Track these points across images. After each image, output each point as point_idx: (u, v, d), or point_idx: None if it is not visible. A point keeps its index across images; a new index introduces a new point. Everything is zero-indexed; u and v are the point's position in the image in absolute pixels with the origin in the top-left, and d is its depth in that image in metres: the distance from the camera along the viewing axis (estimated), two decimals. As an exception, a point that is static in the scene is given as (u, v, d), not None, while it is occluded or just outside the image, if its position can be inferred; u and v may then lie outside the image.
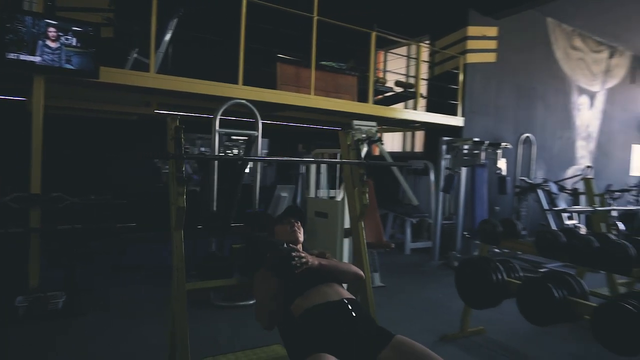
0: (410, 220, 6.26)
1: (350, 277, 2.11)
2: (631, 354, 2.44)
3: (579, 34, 8.67)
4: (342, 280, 2.10)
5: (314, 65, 5.19)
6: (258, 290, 1.94)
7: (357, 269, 2.16)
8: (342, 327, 1.71)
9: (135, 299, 4.02)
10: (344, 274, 2.07)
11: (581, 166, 8.99)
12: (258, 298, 1.94)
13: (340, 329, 1.71)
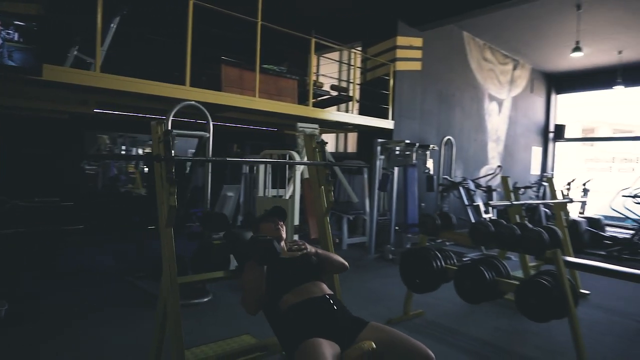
0: (346, 217, 6.64)
1: (338, 266, 2.40)
2: (545, 319, 2.97)
3: (489, 47, 9.67)
4: (331, 270, 2.37)
5: (259, 68, 5.35)
6: (247, 279, 2.12)
7: (343, 260, 2.43)
8: (325, 318, 1.97)
9: (79, 302, 3.94)
10: (333, 264, 2.34)
11: (492, 166, 10.03)
12: (247, 286, 2.12)
13: (324, 319, 1.96)
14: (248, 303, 2.10)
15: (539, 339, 3.54)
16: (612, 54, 9.49)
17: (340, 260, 2.40)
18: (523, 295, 2.96)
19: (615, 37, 8.60)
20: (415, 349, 1.89)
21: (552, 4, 7.16)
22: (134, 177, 10.85)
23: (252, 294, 2.09)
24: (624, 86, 9.63)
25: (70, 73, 4.02)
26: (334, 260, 2.38)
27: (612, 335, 3.67)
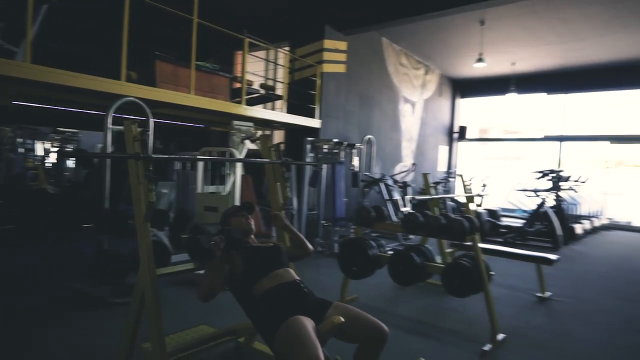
0: (277, 212, 6.86)
1: (305, 248, 2.72)
2: (466, 295, 3.50)
3: (404, 53, 10.45)
4: (300, 254, 2.65)
5: (194, 65, 5.38)
6: (205, 272, 2.29)
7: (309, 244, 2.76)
8: (298, 300, 2.22)
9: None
10: (302, 245, 2.67)
11: (406, 163, 10.87)
12: (209, 276, 2.27)
13: (297, 301, 2.21)
14: (204, 292, 2.27)
15: (457, 314, 4.11)
16: (507, 65, 10.78)
17: (308, 243, 2.74)
18: (448, 276, 3.46)
19: (511, 50, 9.80)
20: (372, 323, 2.22)
21: (459, 19, 8.00)
22: (36, 172, 10.05)
23: (211, 284, 2.26)
24: (517, 93, 10.98)
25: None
26: (303, 241, 2.73)
27: (514, 307, 4.36)
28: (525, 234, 8.04)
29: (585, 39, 8.87)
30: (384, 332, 2.21)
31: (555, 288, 5.01)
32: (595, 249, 7.96)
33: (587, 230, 9.36)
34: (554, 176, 8.49)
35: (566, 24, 8.10)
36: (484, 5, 6.96)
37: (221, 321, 3.53)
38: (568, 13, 7.63)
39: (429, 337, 3.54)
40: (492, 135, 13.85)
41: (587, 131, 11.58)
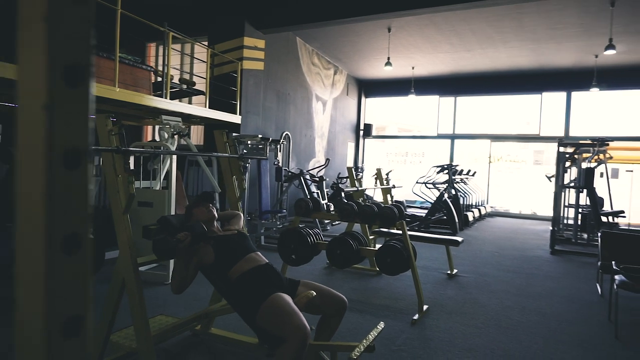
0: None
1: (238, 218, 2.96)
2: (397, 273, 3.98)
3: (316, 53, 10.92)
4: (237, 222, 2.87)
5: (118, 57, 5.21)
6: (179, 266, 2.44)
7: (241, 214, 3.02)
8: (273, 280, 2.46)
9: None
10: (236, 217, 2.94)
11: (318, 159, 11.38)
12: (179, 271, 2.42)
13: (273, 281, 2.45)
14: (176, 284, 2.43)
15: (385, 292, 4.62)
16: (408, 68, 11.80)
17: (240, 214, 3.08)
18: (382, 257, 3.91)
19: (412, 56, 10.77)
20: (335, 295, 2.55)
21: (369, 25, 8.65)
22: None
23: (176, 280, 2.42)
24: (415, 95, 12.08)
25: None
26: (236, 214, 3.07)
27: (430, 283, 5.00)
28: (428, 222, 8.99)
29: (473, 49, 10.11)
30: (345, 303, 2.55)
31: (459, 266, 5.79)
32: (484, 233, 9.17)
33: (476, 218, 10.71)
34: (450, 170, 9.59)
35: (459, 36, 9.18)
36: (391, 15, 7.66)
37: (177, 311, 3.61)
38: (460, 27, 8.67)
39: (364, 312, 3.97)
40: (390, 132, 14.94)
41: (473, 130, 13.13)
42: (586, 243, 7.94)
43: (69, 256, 0.51)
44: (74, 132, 0.51)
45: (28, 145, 0.50)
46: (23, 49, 0.49)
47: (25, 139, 0.50)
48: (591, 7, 7.39)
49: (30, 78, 0.49)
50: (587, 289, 5.04)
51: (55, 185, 0.49)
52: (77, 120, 0.51)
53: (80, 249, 0.52)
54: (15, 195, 0.51)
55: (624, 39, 8.46)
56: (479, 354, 3.16)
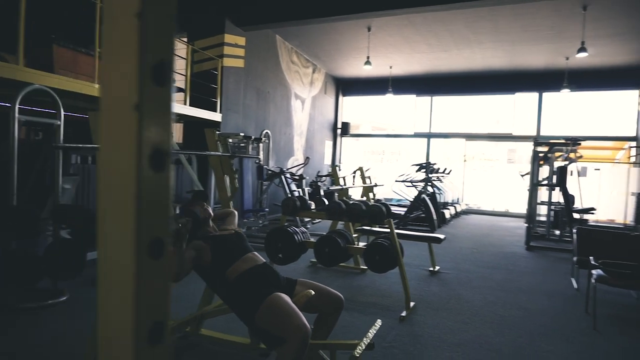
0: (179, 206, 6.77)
1: (233, 217, 2.92)
2: (385, 270, 4.02)
3: (295, 51, 10.89)
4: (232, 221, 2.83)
5: (98, 52, 5.07)
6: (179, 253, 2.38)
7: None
8: (272, 279, 2.44)
9: None
10: (231, 215, 2.90)
11: (297, 157, 11.36)
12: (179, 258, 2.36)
13: (271, 280, 2.43)
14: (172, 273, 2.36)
15: (371, 290, 4.66)
16: (386, 68, 11.90)
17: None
18: (371, 254, 3.94)
19: (389, 55, 10.87)
20: (333, 293, 2.56)
21: (349, 24, 8.68)
22: None
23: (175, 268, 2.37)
24: (393, 94, 12.20)
25: None
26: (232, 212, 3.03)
27: (414, 280, 5.07)
28: (407, 220, 9.11)
29: (449, 50, 10.28)
30: (342, 301, 2.56)
31: (440, 263, 5.89)
32: (461, 230, 9.36)
33: (453, 215, 10.92)
34: (427, 168, 9.74)
35: (436, 36, 9.32)
36: (371, 15, 7.73)
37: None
38: (438, 28, 8.80)
39: (352, 310, 3.99)
40: (363, 131, 15.00)
41: (449, 129, 13.36)
42: (558, 239, 8.22)
43: (155, 261, 0.50)
44: (160, 132, 0.50)
45: (117, 147, 0.48)
46: (112, 46, 0.48)
47: (114, 140, 0.48)
48: (564, 11, 7.63)
49: (119, 77, 0.48)
50: (563, 284, 5.22)
51: (144, 188, 0.48)
52: (162, 120, 0.50)
53: (163, 254, 0.51)
54: (100, 199, 0.49)
55: (594, 42, 8.77)
56: (468, 349, 3.23)
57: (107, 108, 0.48)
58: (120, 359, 0.48)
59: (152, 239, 0.49)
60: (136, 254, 0.48)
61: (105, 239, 0.49)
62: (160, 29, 0.49)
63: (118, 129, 0.48)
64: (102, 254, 0.49)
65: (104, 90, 0.49)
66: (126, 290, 0.48)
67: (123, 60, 0.47)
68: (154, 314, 0.50)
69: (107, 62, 0.48)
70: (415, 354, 3.11)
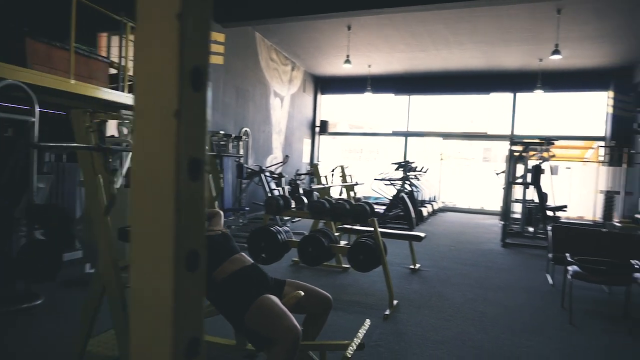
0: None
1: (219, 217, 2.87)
2: (369, 269, 4.04)
3: (274, 49, 10.82)
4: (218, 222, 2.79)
5: (73, 48, 4.91)
6: None
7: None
8: (261, 281, 2.42)
9: None
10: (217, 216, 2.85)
11: (276, 155, 11.30)
12: None
13: (260, 281, 2.41)
14: None
15: (353, 288, 4.67)
16: (365, 66, 11.95)
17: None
18: (355, 254, 3.95)
19: (369, 54, 10.93)
20: (321, 294, 2.56)
21: (329, 23, 8.68)
22: None
23: None
24: (372, 92, 12.26)
25: None
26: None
27: (395, 278, 5.10)
28: (386, 218, 9.18)
29: (428, 50, 10.40)
30: (330, 301, 2.56)
31: (420, 260, 5.96)
32: (438, 228, 9.50)
33: (430, 213, 11.07)
34: (406, 167, 9.84)
35: (415, 36, 9.41)
36: (353, 14, 7.74)
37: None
38: (418, 28, 8.89)
39: (336, 309, 3.97)
40: (340, 129, 15.00)
41: (426, 128, 13.52)
42: (533, 236, 8.44)
43: (192, 274, 0.48)
44: (196, 140, 0.48)
45: (155, 155, 0.46)
46: (150, 49, 0.45)
47: (152, 148, 0.46)
48: (539, 14, 7.82)
49: (158, 81, 0.45)
50: (538, 280, 5.36)
51: (182, 198, 0.46)
52: (199, 127, 0.48)
53: (199, 267, 0.49)
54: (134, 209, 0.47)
55: (567, 44, 9.02)
56: (451, 346, 3.27)
57: (144, 114, 0.46)
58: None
59: (189, 251, 0.47)
60: (175, 267, 0.46)
61: (140, 251, 0.47)
62: (199, 30, 0.47)
63: (156, 136, 0.45)
64: (136, 267, 0.47)
65: (141, 95, 0.46)
66: (165, 305, 0.46)
67: (162, 64, 0.45)
68: (192, 328, 0.48)
69: (144, 65, 0.46)
70: (401, 352, 3.13)
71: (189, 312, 0.48)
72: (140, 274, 0.47)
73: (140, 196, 0.46)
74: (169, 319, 0.46)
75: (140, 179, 0.46)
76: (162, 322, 0.46)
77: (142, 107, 0.46)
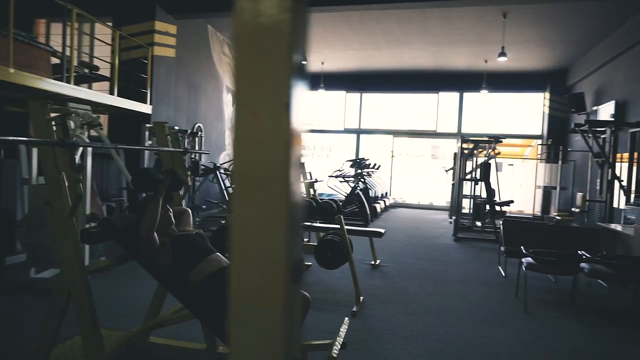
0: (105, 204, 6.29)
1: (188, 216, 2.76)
2: (337, 266, 4.04)
3: (227, 43, 10.56)
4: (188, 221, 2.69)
5: (12, 34, 4.52)
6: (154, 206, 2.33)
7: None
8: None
9: None
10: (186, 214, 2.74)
11: (229, 152, 11.06)
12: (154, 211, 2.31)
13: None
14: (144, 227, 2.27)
15: (319, 286, 4.66)
16: (318, 64, 11.96)
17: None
18: (322, 251, 3.94)
19: (322, 51, 10.94)
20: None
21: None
22: None
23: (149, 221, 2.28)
24: (325, 90, 12.30)
25: None
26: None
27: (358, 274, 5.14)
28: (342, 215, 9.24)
29: (381, 49, 10.58)
30: (309, 300, 2.52)
31: (379, 256, 6.05)
32: (392, 223, 9.71)
33: (383, 209, 11.29)
34: (360, 164, 9.96)
35: (370, 35, 9.53)
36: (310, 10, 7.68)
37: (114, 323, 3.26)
38: (372, 26, 9.01)
39: (303, 307, 3.97)
40: None
41: (377, 126, 13.77)
42: (480, 230, 8.83)
43: (296, 286, 0.43)
44: (303, 132, 0.43)
45: (266, 149, 0.40)
46: (263, 42, 0.40)
47: (263, 141, 0.40)
48: (487, 17, 8.16)
49: (270, 75, 0.40)
50: (492, 272, 5.61)
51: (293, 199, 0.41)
52: (303, 120, 0.43)
53: (300, 278, 0.44)
54: (237, 210, 0.41)
55: (511, 47, 9.49)
56: (420, 340, 3.35)
57: (253, 106, 0.40)
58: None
59: (295, 262, 0.42)
60: (284, 278, 0.41)
61: (244, 258, 0.41)
62: (303, 25, 0.42)
63: (269, 128, 0.40)
64: (237, 275, 0.42)
65: (248, 88, 0.41)
66: (275, 318, 0.41)
67: (275, 58, 0.40)
68: (295, 341, 0.43)
69: (256, 58, 0.40)
70: (373, 348, 3.16)
71: (295, 325, 0.43)
72: (243, 282, 0.41)
73: (248, 196, 0.41)
74: (279, 332, 0.41)
75: (244, 178, 0.41)
76: (273, 332, 0.41)
77: (249, 99, 0.41)
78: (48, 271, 4.37)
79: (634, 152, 6.99)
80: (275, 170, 0.40)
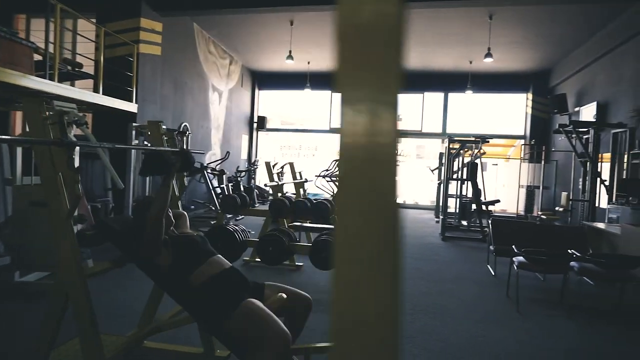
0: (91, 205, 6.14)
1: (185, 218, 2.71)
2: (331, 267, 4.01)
3: (212, 41, 10.43)
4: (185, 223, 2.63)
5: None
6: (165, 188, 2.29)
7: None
8: (242, 284, 2.29)
9: None
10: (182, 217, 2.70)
11: (215, 151, 10.93)
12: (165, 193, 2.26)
13: (241, 285, 2.28)
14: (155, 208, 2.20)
15: (311, 287, 4.60)
16: (304, 63, 11.91)
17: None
18: (317, 252, 3.90)
19: (308, 51, 10.89)
20: (301, 295, 2.49)
21: (271, 17, 8.53)
22: None
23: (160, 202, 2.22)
24: (311, 89, 12.26)
25: None
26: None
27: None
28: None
29: (368, 48, 10.57)
30: (310, 301, 2.50)
31: (370, 256, 6.06)
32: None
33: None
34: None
35: (357, 34, 9.51)
36: (296, 9, 7.66)
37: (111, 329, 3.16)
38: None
39: (298, 309, 3.93)
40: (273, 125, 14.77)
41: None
42: (467, 229, 8.93)
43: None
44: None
45: (375, 151, 0.37)
46: (374, 45, 0.37)
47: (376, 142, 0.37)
48: (473, 18, 8.24)
49: (382, 73, 0.37)
50: (481, 271, 5.67)
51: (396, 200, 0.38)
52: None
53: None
54: (341, 217, 0.38)
55: (496, 48, 9.62)
56: (420, 340, 3.34)
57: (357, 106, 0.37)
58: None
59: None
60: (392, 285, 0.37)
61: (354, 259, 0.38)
62: (404, 27, 0.39)
63: (375, 129, 0.37)
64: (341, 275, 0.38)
65: (353, 88, 0.37)
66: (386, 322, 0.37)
67: (382, 55, 0.37)
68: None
69: (361, 56, 0.37)
70: (372, 348, 3.14)
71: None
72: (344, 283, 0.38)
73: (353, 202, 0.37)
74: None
75: (348, 178, 0.38)
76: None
77: (353, 102, 0.37)
78: (33, 274, 4.23)
79: (616, 153, 7.16)
80: (382, 171, 0.37)
